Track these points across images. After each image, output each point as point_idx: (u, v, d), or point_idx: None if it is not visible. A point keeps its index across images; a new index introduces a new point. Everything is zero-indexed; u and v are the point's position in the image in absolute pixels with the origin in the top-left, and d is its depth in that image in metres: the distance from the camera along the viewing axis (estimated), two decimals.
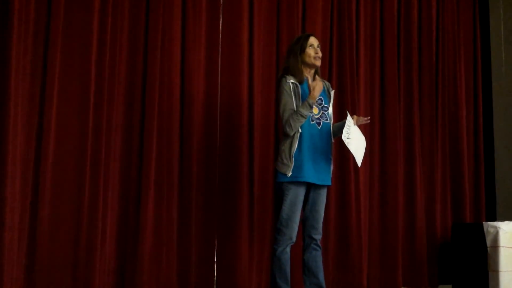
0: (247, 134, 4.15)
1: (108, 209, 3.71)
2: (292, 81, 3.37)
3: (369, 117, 3.59)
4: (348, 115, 3.42)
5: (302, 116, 3.26)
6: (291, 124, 3.28)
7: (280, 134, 3.45)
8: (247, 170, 4.11)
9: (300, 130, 3.32)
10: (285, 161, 3.31)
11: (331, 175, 3.48)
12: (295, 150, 3.30)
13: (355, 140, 3.37)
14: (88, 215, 3.61)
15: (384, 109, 4.74)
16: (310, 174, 3.32)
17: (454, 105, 5.08)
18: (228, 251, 4.01)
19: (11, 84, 3.43)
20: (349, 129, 3.36)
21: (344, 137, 3.31)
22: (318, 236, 3.41)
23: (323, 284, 3.40)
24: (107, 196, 3.71)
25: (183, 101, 4.03)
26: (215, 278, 3.98)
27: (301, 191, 3.33)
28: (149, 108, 3.87)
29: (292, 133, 3.30)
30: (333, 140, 3.51)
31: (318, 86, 3.29)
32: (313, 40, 3.48)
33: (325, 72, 4.39)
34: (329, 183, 3.46)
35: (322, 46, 4.34)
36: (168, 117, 3.95)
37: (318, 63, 3.47)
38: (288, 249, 3.32)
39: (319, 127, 3.40)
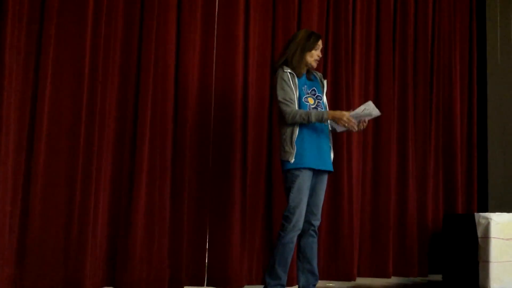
0: (240, 122, 4.13)
1: (100, 194, 3.69)
2: (290, 71, 3.36)
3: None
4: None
5: (309, 121, 3.28)
6: (294, 119, 3.28)
7: (276, 122, 3.43)
8: (240, 158, 4.10)
9: None
10: (287, 148, 3.31)
11: (331, 161, 3.48)
12: (296, 137, 3.30)
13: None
14: (80, 200, 3.59)
15: (378, 100, 4.73)
16: (313, 160, 3.33)
17: (449, 96, 5.10)
18: (220, 238, 4.00)
19: (5, 78, 3.41)
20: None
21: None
22: (317, 222, 3.42)
23: (316, 271, 3.42)
24: (99, 182, 3.69)
25: (177, 90, 4.00)
26: (206, 265, 3.98)
27: (307, 178, 3.32)
28: (143, 96, 3.84)
29: (290, 123, 3.31)
30: (330, 128, 3.51)
31: (343, 119, 3.30)
32: (321, 43, 3.46)
33: (320, 66, 4.35)
34: (332, 168, 3.47)
35: None
36: (161, 105, 3.92)
37: (316, 65, 3.48)
38: (295, 239, 3.31)
39: None
